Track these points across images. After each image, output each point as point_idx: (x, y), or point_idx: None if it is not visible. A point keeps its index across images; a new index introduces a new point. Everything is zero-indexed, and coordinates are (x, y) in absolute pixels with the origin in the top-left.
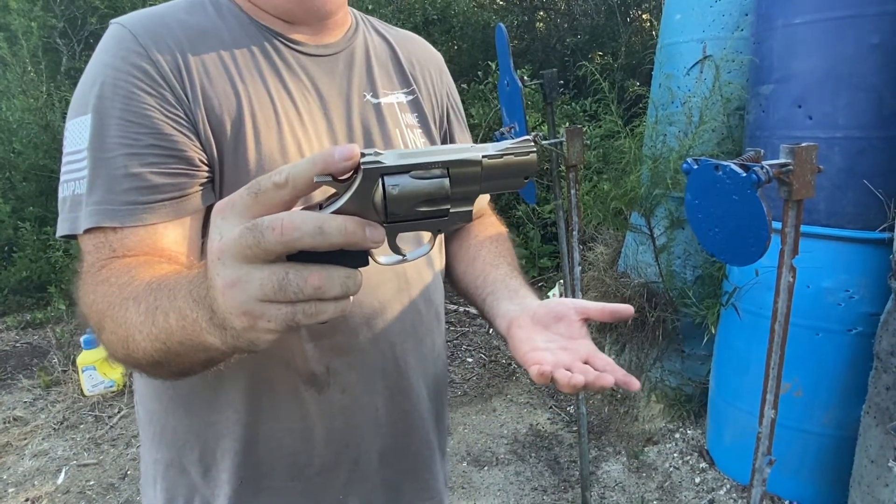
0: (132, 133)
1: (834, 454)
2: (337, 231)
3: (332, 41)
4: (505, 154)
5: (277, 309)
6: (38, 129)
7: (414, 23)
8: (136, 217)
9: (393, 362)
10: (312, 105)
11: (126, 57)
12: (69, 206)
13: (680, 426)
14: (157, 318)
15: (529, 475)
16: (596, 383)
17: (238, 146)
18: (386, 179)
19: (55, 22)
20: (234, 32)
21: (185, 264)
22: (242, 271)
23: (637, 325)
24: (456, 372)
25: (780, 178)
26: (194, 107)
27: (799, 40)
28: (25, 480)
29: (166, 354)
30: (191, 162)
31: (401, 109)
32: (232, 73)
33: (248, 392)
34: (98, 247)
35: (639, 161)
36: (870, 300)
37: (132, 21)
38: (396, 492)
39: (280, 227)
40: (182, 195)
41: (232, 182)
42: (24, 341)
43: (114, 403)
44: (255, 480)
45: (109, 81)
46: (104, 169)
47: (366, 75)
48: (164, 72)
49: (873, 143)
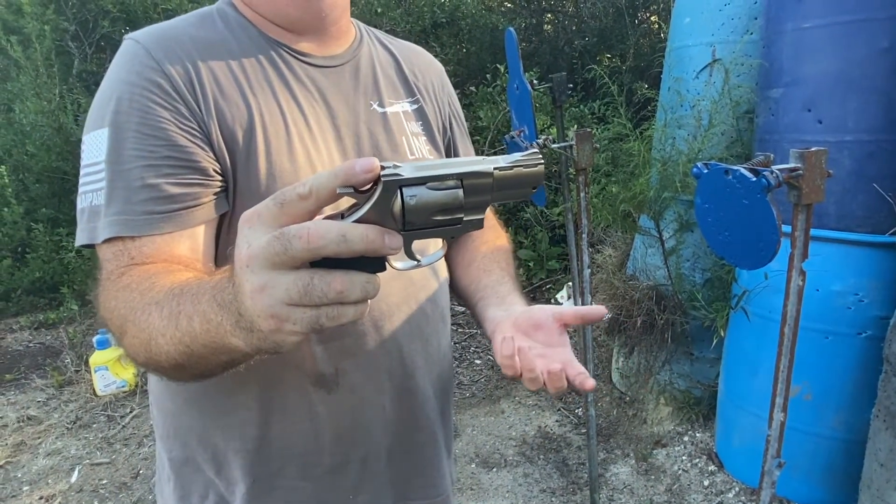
0: (148, 145)
1: (844, 458)
2: (359, 239)
3: (339, 52)
4: (515, 166)
5: (303, 312)
6: (52, 131)
7: (422, 25)
8: (154, 226)
9: (400, 363)
10: (321, 114)
11: (141, 72)
12: (87, 217)
13: (689, 429)
14: (181, 322)
15: (538, 477)
16: (549, 384)
17: (250, 156)
18: (404, 190)
19: (67, 25)
20: (243, 45)
21: (203, 271)
22: (270, 277)
23: (646, 328)
24: (464, 374)
25: (790, 182)
26: (207, 119)
27: (808, 44)
28: (39, 479)
29: (189, 357)
30: (205, 172)
31: (406, 118)
32: (242, 85)
33: (259, 394)
34: (117, 255)
35: (648, 164)
36: (880, 304)
37: (145, 36)
38: (404, 489)
39: (307, 235)
40: (197, 204)
41: (244, 191)
42: (38, 341)
43: (126, 403)
44: (267, 479)
45: (125, 96)
46: (122, 181)
47: (372, 85)
48: (177, 85)
49: (883, 147)
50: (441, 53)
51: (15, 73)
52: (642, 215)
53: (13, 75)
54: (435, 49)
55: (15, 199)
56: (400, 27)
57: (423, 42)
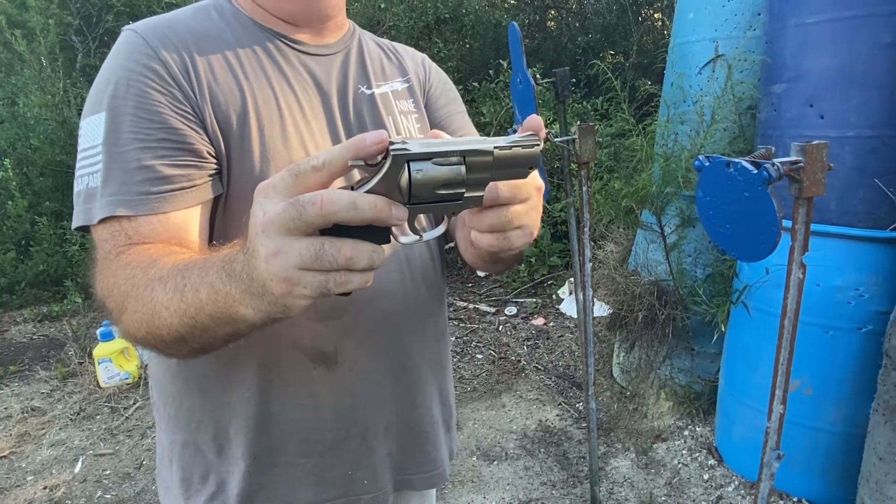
0: (144, 128)
1: (843, 451)
2: (368, 207)
3: (332, 42)
4: (513, 146)
5: (313, 276)
6: (55, 125)
7: (426, 21)
8: (150, 206)
9: (398, 341)
10: (314, 99)
11: (138, 59)
12: (83, 199)
13: (689, 423)
14: (187, 295)
15: (538, 470)
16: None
17: (244, 139)
18: (411, 165)
19: (71, 19)
20: (237, 35)
21: (197, 251)
22: (284, 242)
23: (647, 323)
24: (466, 368)
25: (791, 175)
26: (202, 103)
27: (811, 40)
28: (44, 469)
29: (192, 329)
30: (199, 154)
31: (396, 97)
32: (236, 72)
33: (259, 372)
34: (114, 235)
35: (650, 159)
36: (880, 298)
37: (143, 27)
38: (401, 463)
39: (320, 202)
40: (191, 185)
41: (239, 173)
42: (41, 333)
43: (129, 395)
44: (268, 456)
45: (122, 81)
46: (118, 162)
47: (361, 70)
48: (172, 71)
49: (885, 143)
50: (444, 49)
51: (19, 67)
52: (644, 211)
53: (17, 69)
54: (438, 45)
55: (19, 192)
56: (403, 23)
57: (425, 38)
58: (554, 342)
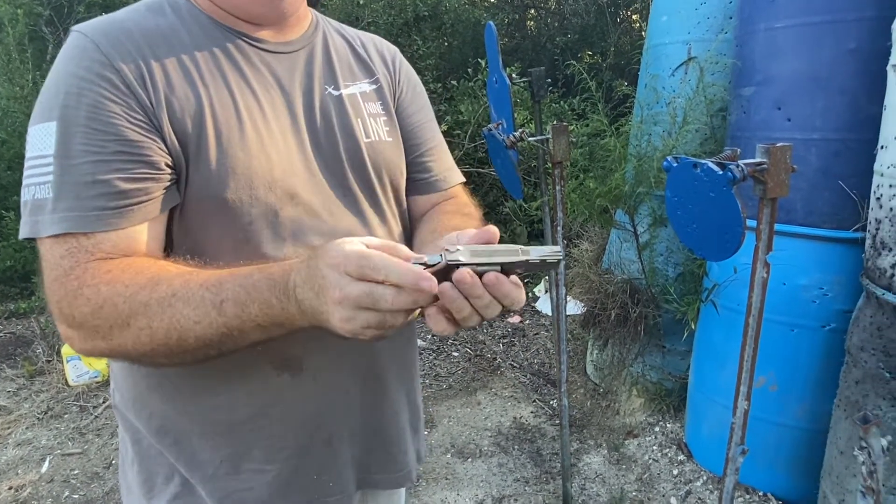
0: (98, 141)
1: (807, 447)
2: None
3: (294, 38)
4: (542, 259)
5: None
6: (24, 117)
7: (405, 18)
8: (106, 222)
9: (364, 347)
10: (276, 100)
11: (90, 67)
12: (30, 210)
13: (660, 420)
14: (226, 309)
15: (512, 467)
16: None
17: (200, 147)
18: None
19: (41, 10)
20: (194, 34)
21: (173, 261)
22: (355, 313)
23: (620, 321)
24: (441, 366)
25: (755, 176)
26: (158, 112)
27: (779, 44)
28: (9, 469)
29: (223, 337)
30: (156, 166)
31: (364, 99)
32: (193, 76)
33: (223, 379)
34: (72, 252)
35: (624, 159)
36: (843, 298)
37: (92, 30)
38: (365, 463)
39: (391, 300)
40: (149, 199)
41: (196, 182)
42: (8, 331)
43: (98, 394)
44: (231, 462)
45: (74, 91)
46: (71, 176)
47: (327, 69)
48: (128, 80)
49: (849, 146)
50: (423, 47)
51: None
52: (618, 210)
53: None
54: (417, 42)
55: None
56: (382, 20)
57: (405, 35)
58: (529, 340)
